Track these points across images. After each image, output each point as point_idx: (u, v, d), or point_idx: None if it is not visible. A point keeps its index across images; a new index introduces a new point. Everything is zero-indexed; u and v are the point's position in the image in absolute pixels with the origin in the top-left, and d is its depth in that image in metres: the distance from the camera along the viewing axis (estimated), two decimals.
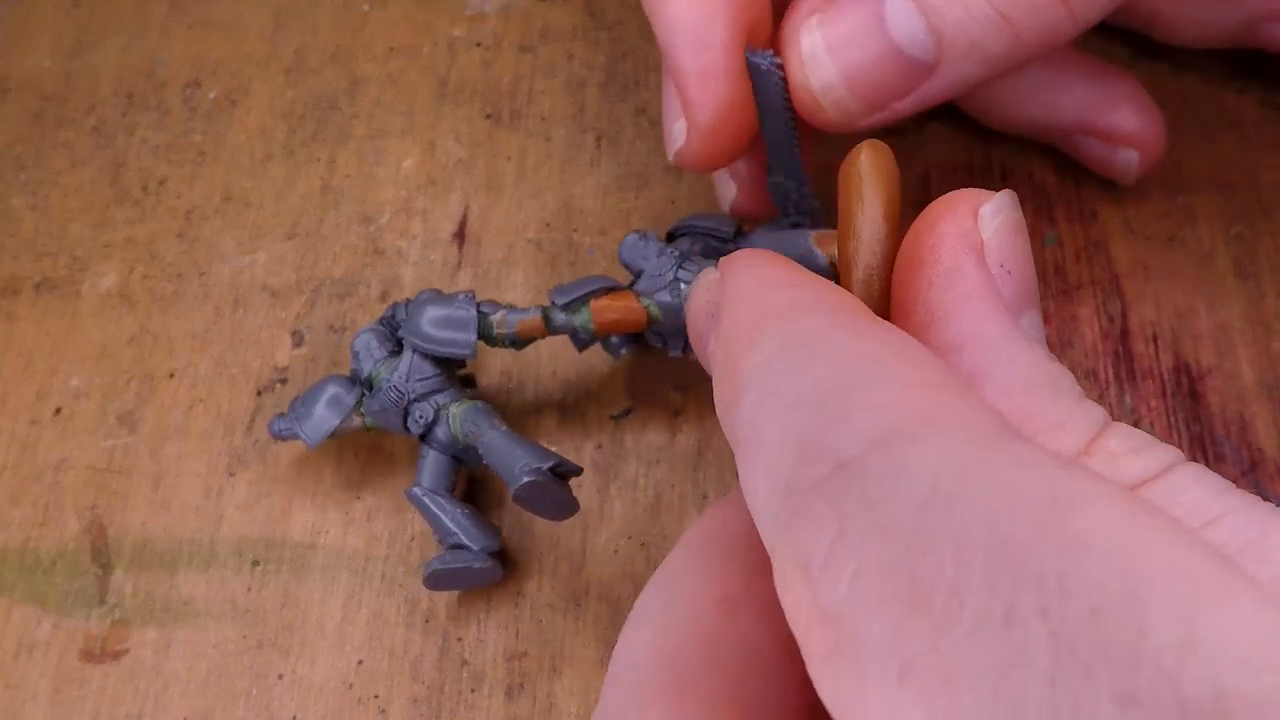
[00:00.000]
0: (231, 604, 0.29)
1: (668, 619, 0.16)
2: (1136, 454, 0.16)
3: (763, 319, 0.17)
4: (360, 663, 0.27)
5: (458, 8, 0.37)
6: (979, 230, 0.18)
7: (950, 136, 0.32)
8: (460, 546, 0.27)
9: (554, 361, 0.31)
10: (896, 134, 0.33)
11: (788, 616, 0.14)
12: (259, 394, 0.31)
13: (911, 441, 0.14)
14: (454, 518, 0.27)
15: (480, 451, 0.27)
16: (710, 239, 0.28)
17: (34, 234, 0.35)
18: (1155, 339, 0.29)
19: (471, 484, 0.30)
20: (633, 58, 0.36)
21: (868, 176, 0.19)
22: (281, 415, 0.29)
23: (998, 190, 0.19)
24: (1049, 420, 0.17)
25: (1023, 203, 0.31)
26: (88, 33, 0.39)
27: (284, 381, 0.31)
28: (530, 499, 0.26)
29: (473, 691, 0.27)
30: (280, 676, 0.28)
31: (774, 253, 0.19)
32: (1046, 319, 0.29)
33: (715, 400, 0.18)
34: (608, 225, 0.33)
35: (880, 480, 0.14)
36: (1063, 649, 0.11)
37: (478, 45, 0.37)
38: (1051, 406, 0.17)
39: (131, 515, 0.30)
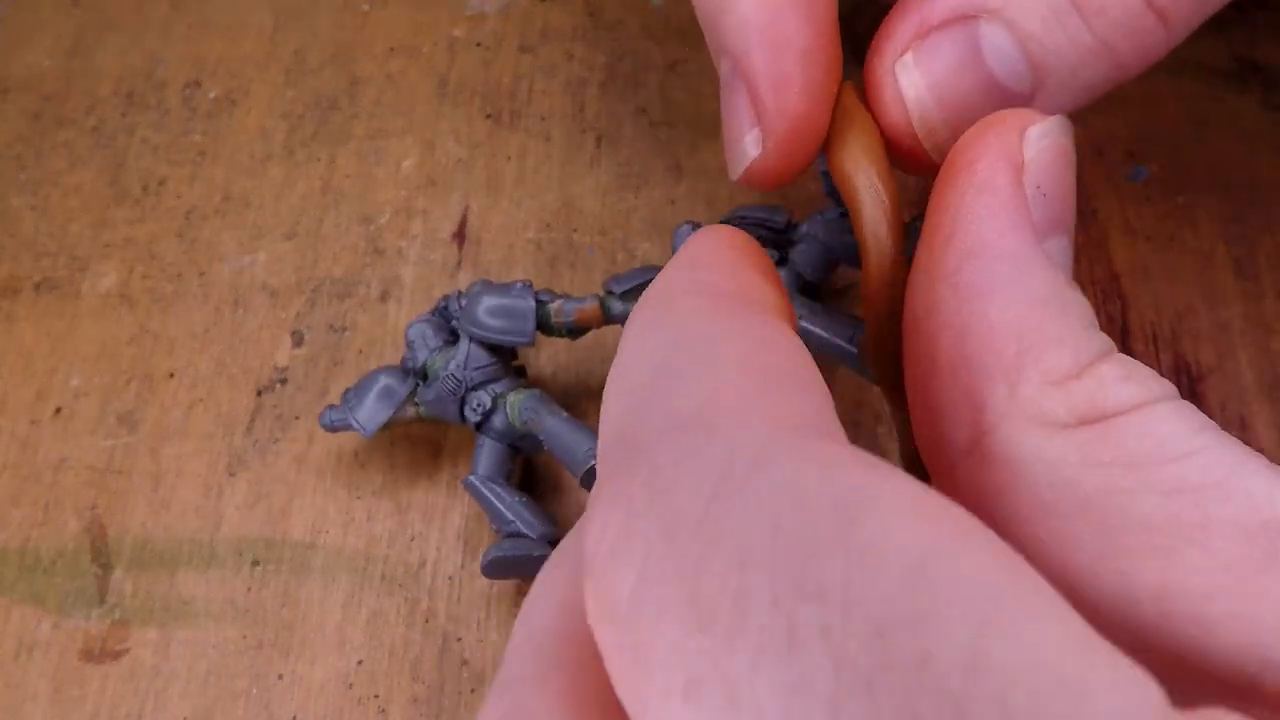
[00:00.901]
0: (231, 604, 0.29)
1: (569, 593, 0.16)
2: (1126, 381, 0.16)
3: (654, 294, 0.17)
4: (360, 663, 0.27)
5: (458, 8, 0.37)
6: (1022, 149, 0.18)
7: None
8: (517, 535, 0.27)
9: (553, 363, 0.31)
10: None
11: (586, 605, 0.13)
12: (259, 394, 0.31)
13: (710, 430, 0.13)
14: (511, 506, 0.27)
15: (542, 438, 0.27)
16: (763, 229, 0.29)
17: (34, 234, 0.35)
18: (1155, 339, 0.29)
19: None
20: (633, 58, 0.36)
21: (849, 110, 0.22)
22: (332, 407, 0.29)
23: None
24: (1049, 335, 0.17)
25: None
26: (88, 33, 0.39)
27: (284, 381, 0.32)
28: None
29: (473, 691, 0.27)
30: (280, 676, 0.28)
31: (734, 230, 0.19)
32: None
33: None
34: (608, 225, 0.33)
35: (669, 467, 0.13)
36: (845, 673, 0.10)
37: (478, 45, 0.37)
38: (1056, 323, 0.17)
39: (131, 515, 0.30)
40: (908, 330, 0.19)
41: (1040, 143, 0.18)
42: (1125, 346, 0.29)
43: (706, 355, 0.15)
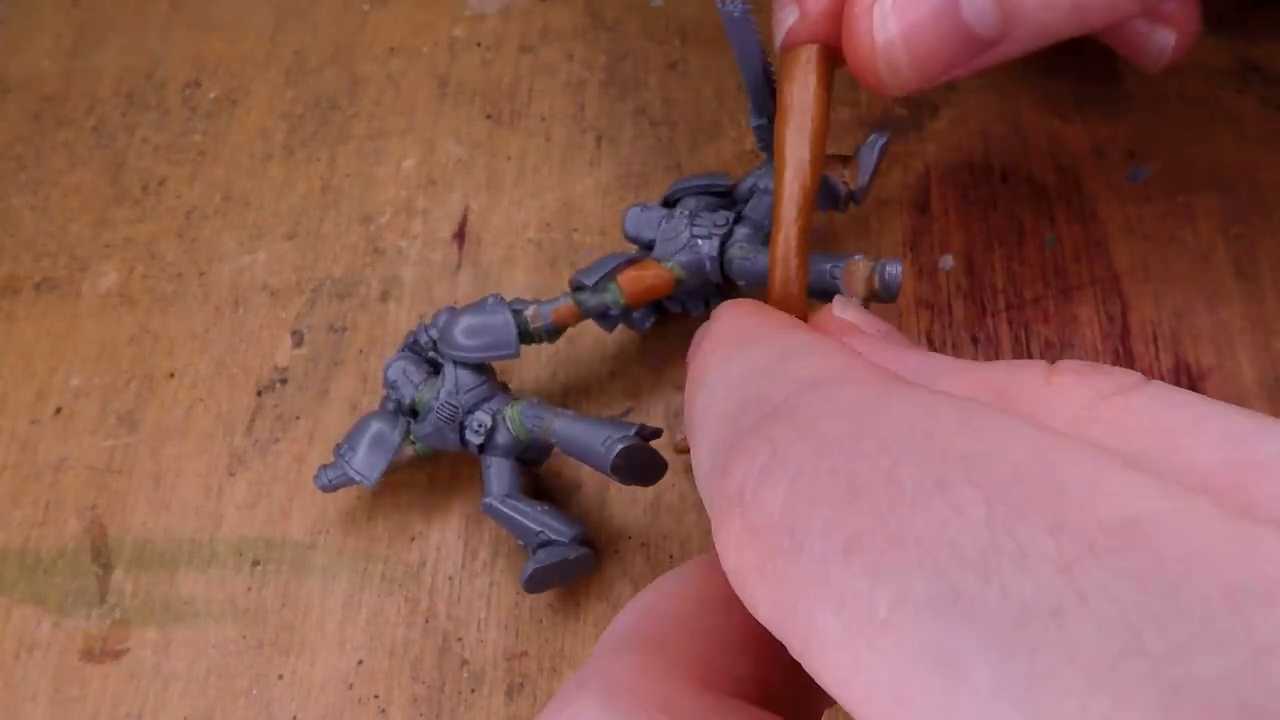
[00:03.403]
0: (231, 604, 0.29)
1: (657, 600, 0.19)
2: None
3: (727, 330, 0.21)
4: (360, 662, 0.27)
5: (458, 8, 0.37)
6: (847, 321, 0.22)
7: (950, 136, 0.32)
8: (549, 543, 0.27)
9: (553, 363, 0.31)
10: (898, 136, 0.33)
11: (720, 558, 0.16)
12: (259, 394, 0.31)
13: (836, 385, 0.16)
14: (536, 518, 0.27)
15: (554, 441, 0.27)
16: (708, 195, 0.29)
17: (34, 234, 0.35)
18: (1155, 339, 0.29)
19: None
20: (633, 58, 0.36)
21: (806, 76, 0.24)
22: (325, 467, 0.28)
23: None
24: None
25: (1022, 202, 0.31)
26: (88, 33, 0.39)
27: (284, 381, 0.31)
28: (627, 467, 0.25)
29: (473, 691, 0.27)
30: (280, 676, 0.28)
31: (753, 301, 0.23)
32: (1046, 319, 0.29)
33: (685, 416, 0.20)
34: (608, 225, 0.33)
35: (809, 410, 0.16)
36: (995, 501, 0.13)
37: (478, 45, 0.37)
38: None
39: (131, 515, 0.30)
40: None
41: (848, 313, 0.22)
42: (1125, 346, 0.29)
43: (807, 350, 0.18)
